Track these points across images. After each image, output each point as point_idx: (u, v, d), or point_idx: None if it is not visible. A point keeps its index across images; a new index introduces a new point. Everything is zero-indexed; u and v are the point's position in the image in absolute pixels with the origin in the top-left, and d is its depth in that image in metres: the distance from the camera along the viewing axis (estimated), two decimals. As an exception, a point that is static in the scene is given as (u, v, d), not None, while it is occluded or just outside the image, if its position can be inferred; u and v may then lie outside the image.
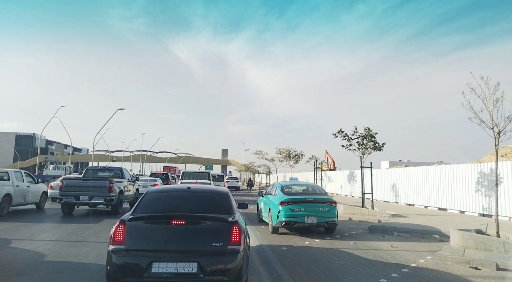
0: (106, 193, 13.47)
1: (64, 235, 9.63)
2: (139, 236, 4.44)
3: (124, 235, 4.38)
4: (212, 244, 4.36)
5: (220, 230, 4.51)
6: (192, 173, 25.40)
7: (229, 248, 4.37)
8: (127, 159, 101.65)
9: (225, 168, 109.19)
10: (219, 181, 32.49)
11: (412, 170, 21.32)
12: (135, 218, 4.64)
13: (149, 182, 24.85)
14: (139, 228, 4.53)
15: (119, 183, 14.61)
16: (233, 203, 5.41)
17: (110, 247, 4.36)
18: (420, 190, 19.95)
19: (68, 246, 8.11)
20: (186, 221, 4.55)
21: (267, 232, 10.80)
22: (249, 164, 60.88)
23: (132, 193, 16.66)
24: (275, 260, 7.08)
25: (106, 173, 16.03)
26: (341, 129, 16.35)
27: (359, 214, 15.02)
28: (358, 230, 11.61)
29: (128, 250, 4.29)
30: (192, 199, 5.37)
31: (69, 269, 6.18)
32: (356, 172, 30.83)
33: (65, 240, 8.80)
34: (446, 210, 17.63)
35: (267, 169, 47.39)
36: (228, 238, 4.43)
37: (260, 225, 12.50)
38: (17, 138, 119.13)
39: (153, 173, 34.27)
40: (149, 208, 4.98)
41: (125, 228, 4.44)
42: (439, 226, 11.30)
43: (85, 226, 11.19)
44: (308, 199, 10.51)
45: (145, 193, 5.45)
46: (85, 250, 7.65)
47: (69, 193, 13.40)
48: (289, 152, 33.50)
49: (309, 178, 43.68)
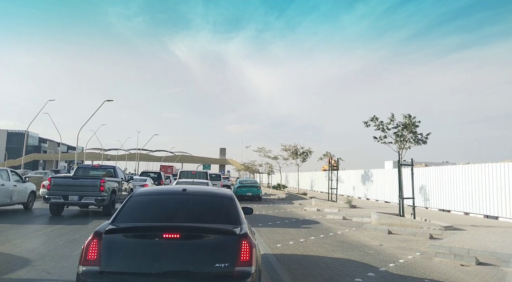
0: (97, 192, 12.75)
1: (47, 239, 8.75)
2: (119, 254, 3.44)
3: (99, 252, 3.37)
4: (215, 265, 3.40)
5: (225, 246, 3.53)
6: (190, 173, 24.33)
7: (237, 269, 3.39)
8: (122, 157, 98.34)
9: (223, 167, 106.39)
10: (216, 181, 30.04)
11: (447, 169, 17.90)
12: (115, 229, 3.63)
13: (137, 182, 21.69)
14: (120, 242, 3.50)
15: (112, 182, 13.92)
16: (240, 209, 4.41)
17: (81, 269, 3.36)
18: (458, 193, 16.59)
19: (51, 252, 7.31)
20: (181, 234, 3.53)
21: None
22: (249, 162, 57.31)
23: (126, 193, 15.67)
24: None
25: (99, 171, 15.51)
26: (375, 116, 12.96)
27: (398, 225, 11.63)
28: (414, 252, 8.19)
29: (103, 272, 3.32)
30: (189, 204, 4.36)
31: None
32: (372, 171, 27.41)
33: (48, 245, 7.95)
34: (497, 218, 14.28)
35: (269, 168, 43.77)
36: (236, 256, 3.44)
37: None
38: (8, 136, 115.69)
39: (143, 172, 30.46)
40: (134, 216, 3.99)
41: (101, 242, 3.41)
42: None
43: (72, 229, 10.35)
44: (247, 184, 26.26)
45: (130, 196, 4.42)
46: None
47: (57, 192, 12.68)
48: (296, 149, 29.99)
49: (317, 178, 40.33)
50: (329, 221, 14.06)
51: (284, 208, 19.48)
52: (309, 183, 41.72)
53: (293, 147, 29.85)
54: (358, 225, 12.67)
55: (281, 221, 13.73)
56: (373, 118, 12.90)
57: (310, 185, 41.39)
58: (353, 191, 29.25)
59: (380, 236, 10.48)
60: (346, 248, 8.64)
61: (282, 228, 11.83)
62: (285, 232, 10.95)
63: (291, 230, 11.39)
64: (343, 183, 30.82)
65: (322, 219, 14.58)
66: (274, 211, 17.65)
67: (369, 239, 10.04)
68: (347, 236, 10.40)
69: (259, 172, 58.40)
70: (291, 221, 13.67)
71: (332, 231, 11.27)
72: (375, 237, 10.40)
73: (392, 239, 10.02)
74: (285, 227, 12.08)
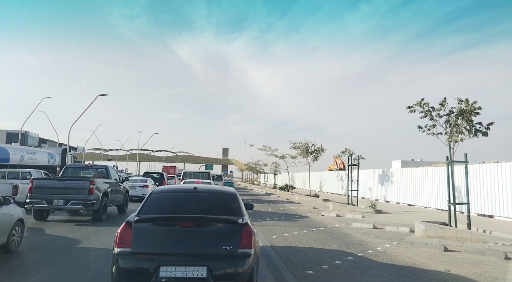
0: (86, 195, 11.40)
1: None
2: (145, 239, 4.26)
3: (130, 237, 4.19)
4: (222, 247, 4.19)
5: (230, 233, 4.33)
6: (193, 173, 25.37)
7: (239, 251, 4.18)
8: (123, 157, 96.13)
9: (226, 168, 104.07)
10: (218, 181, 30.60)
11: (489, 167, 15.35)
12: (142, 219, 4.42)
13: (138, 183, 21.66)
14: (146, 230, 4.33)
15: (103, 184, 12.62)
16: (242, 204, 5.19)
17: (116, 250, 4.18)
18: (505, 195, 14.08)
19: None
20: (195, 223, 4.41)
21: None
22: (252, 162, 54.72)
23: (120, 196, 14.45)
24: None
25: (89, 172, 14.22)
26: (422, 99, 10.38)
27: (453, 238, 9.09)
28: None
29: (134, 253, 4.12)
30: (200, 200, 5.12)
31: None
32: (392, 170, 24.89)
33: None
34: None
35: (275, 167, 41.10)
36: (239, 241, 4.24)
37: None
38: (8, 136, 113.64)
39: (146, 173, 30.21)
40: (155, 209, 4.75)
41: (131, 230, 4.25)
42: None
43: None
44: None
45: (151, 193, 5.25)
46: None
47: (40, 195, 11.30)
48: (307, 146, 27.37)
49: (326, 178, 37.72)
50: (357, 230, 11.55)
51: (298, 213, 16.98)
52: (317, 184, 39.16)
53: (304, 144, 27.23)
54: (398, 237, 10.17)
55: (299, 231, 11.25)
56: (420, 103, 10.31)
57: (319, 186, 38.83)
58: (369, 192, 26.69)
59: (436, 255, 7.97)
60: (402, 276, 6.16)
61: (304, 244, 9.34)
62: (309, 249, 8.47)
63: (315, 246, 8.90)
64: (356, 183, 28.23)
65: (348, 228, 12.08)
66: (288, 218, 15.17)
67: (425, 259, 7.54)
68: (394, 255, 7.90)
69: (263, 172, 55.84)
70: (311, 231, 11.19)
71: (370, 247, 8.78)
72: (431, 256, 7.89)
73: (455, 260, 7.51)
74: (307, 240, 9.60)
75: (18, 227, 7.46)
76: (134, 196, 19.61)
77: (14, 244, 7.29)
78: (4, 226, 6.96)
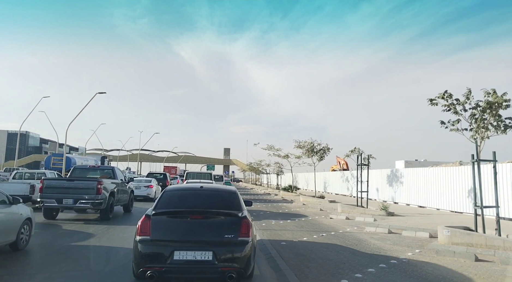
0: (94, 195, 11.88)
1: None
2: (162, 228, 5.05)
3: (149, 227, 4.98)
4: (225, 236, 4.97)
5: (231, 224, 5.10)
6: (196, 174, 26.49)
7: (239, 239, 4.97)
8: (123, 158, 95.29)
9: (228, 168, 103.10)
10: (219, 182, 31.13)
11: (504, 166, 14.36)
12: (159, 213, 5.22)
13: (143, 183, 22.80)
14: (162, 221, 5.14)
15: (111, 184, 13.07)
16: (242, 200, 5.97)
17: (137, 238, 4.96)
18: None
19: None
20: (202, 216, 5.22)
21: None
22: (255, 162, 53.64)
23: (126, 195, 14.91)
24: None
25: (97, 172, 14.63)
26: (446, 91, 9.35)
27: (483, 246, 8.12)
28: None
29: (153, 240, 4.92)
30: (206, 197, 5.91)
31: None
32: (401, 171, 23.88)
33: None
34: None
35: (278, 167, 40.08)
36: (239, 230, 5.02)
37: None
38: (9, 137, 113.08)
39: (150, 173, 31.28)
40: (169, 204, 5.48)
41: (150, 221, 5.05)
42: None
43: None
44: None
45: (164, 191, 5.99)
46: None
47: (50, 195, 11.78)
48: (312, 145, 26.35)
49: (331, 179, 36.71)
50: (372, 236, 10.60)
51: (304, 215, 16.03)
52: (322, 184, 38.14)
53: (309, 144, 26.22)
54: (419, 244, 9.21)
55: (308, 236, 10.30)
56: (444, 95, 9.28)
57: (324, 187, 37.81)
58: (376, 193, 25.65)
59: (467, 266, 7.01)
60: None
61: (315, 252, 8.39)
62: (321, 258, 7.53)
63: (329, 254, 7.96)
64: (364, 184, 27.23)
65: (361, 233, 11.12)
66: (294, 221, 14.23)
67: (457, 272, 6.58)
68: (420, 266, 6.93)
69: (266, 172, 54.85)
70: (322, 237, 10.24)
71: (391, 256, 7.81)
72: (462, 267, 6.93)
73: (492, 273, 6.54)
74: (319, 247, 8.65)
75: (27, 225, 7.77)
76: (139, 195, 20.86)
77: (22, 242, 7.60)
78: (14, 224, 7.28)
